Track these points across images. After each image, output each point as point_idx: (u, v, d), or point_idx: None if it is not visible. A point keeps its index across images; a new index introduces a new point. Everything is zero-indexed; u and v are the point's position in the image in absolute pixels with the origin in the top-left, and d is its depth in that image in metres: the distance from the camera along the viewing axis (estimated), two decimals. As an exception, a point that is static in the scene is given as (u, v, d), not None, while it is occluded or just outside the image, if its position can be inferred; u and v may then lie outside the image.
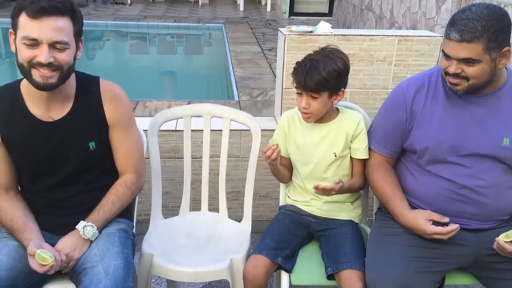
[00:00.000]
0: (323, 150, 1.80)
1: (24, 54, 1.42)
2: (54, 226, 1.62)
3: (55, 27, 1.41)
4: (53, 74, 1.45)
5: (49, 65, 1.42)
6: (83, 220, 1.58)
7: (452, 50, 1.47)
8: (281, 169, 1.89)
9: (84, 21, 1.55)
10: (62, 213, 1.63)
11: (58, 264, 1.46)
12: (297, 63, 1.72)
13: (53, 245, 1.58)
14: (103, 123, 1.63)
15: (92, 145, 1.61)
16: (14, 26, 1.44)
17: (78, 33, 1.50)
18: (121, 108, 1.66)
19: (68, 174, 1.61)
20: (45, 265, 1.42)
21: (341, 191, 1.70)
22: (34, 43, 1.40)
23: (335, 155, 1.79)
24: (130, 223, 1.75)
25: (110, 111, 1.63)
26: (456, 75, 1.50)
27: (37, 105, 1.56)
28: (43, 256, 1.43)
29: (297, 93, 1.74)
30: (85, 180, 1.64)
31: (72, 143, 1.59)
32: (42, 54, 1.40)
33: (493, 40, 1.42)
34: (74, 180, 1.63)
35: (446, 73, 1.53)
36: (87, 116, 1.60)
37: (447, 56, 1.51)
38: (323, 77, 1.64)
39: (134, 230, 1.76)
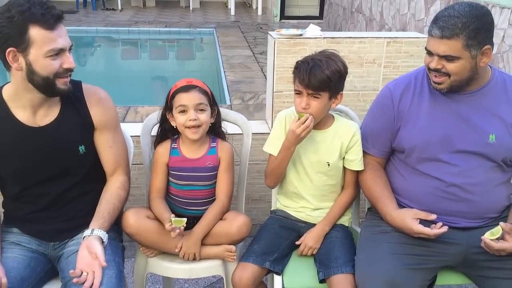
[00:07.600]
0: (316, 159, 1.78)
1: None
2: (41, 233, 1.62)
3: None
4: None
5: None
6: (86, 226, 1.54)
7: (434, 47, 1.50)
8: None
9: (74, 27, 1.53)
10: (51, 220, 1.62)
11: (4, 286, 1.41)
12: (298, 62, 1.70)
13: (40, 251, 1.59)
14: (90, 126, 1.64)
15: (82, 148, 1.62)
16: None
17: None
18: (108, 111, 1.67)
19: (57, 179, 1.61)
20: None
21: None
22: None
23: (328, 165, 1.77)
24: (118, 229, 1.74)
25: (97, 114, 1.64)
26: (437, 71, 1.53)
27: (23, 111, 1.54)
28: None
29: (296, 93, 1.70)
30: (73, 185, 1.64)
31: (62, 148, 1.59)
32: None
33: (473, 38, 1.45)
34: (63, 185, 1.62)
35: (430, 70, 1.56)
36: (75, 120, 1.61)
37: (429, 52, 1.54)
38: (327, 75, 1.62)
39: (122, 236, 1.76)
